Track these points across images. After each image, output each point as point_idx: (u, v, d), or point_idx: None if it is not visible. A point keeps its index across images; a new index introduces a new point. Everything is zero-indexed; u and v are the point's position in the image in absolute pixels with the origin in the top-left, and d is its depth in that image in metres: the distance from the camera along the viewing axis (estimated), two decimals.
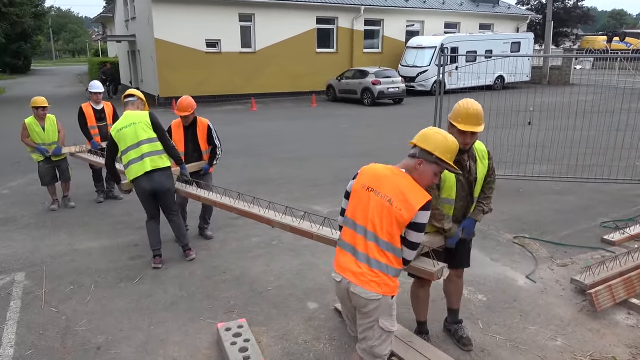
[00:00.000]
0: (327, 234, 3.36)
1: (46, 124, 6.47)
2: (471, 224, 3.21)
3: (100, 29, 44.25)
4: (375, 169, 2.61)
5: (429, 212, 2.48)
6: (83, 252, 5.16)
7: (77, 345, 3.49)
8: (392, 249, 2.47)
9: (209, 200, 4.51)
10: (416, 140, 2.60)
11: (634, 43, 37.07)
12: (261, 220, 3.89)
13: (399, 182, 2.49)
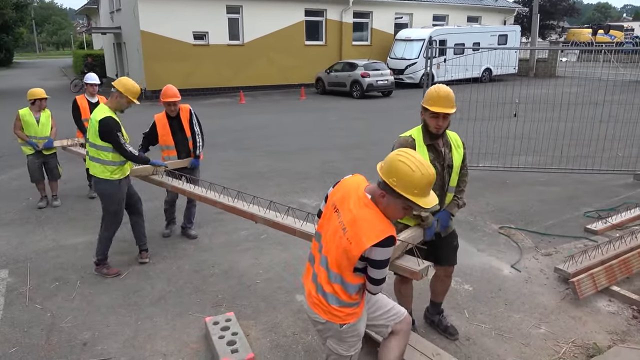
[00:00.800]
0: (310, 230, 3.30)
1: (42, 117, 6.33)
2: (446, 216, 3.12)
3: (85, 20, 43.56)
4: (348, 187, 2.34)
5: (390, 249, 2.17)
6: (68, 248, 5.11)
7: (63, 341, 3.47)
8: (341, 281, 2.27)
9: (193, 195, 4.40)
10: (379, 167, 2.23)
11: (617, 36, 37.48)
12: (244, 215, 3.82)
13: (358, 210, 2.20)
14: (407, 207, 2.19)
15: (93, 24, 34.60)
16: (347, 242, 2.18)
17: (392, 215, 2.22)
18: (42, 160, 6.41)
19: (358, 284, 2.30)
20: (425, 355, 2.98)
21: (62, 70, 37.42)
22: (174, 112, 5.11)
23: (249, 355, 3.09)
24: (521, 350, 3.30)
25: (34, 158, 6.36)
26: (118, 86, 4.17)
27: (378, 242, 2.11)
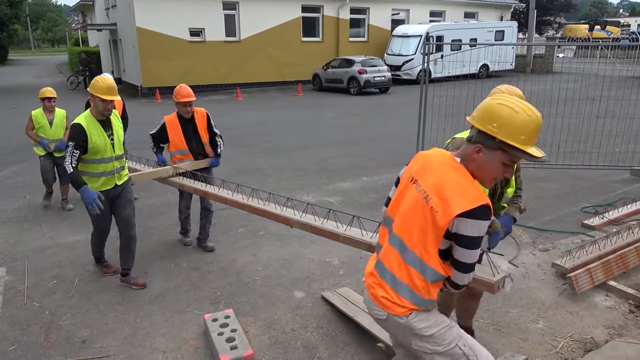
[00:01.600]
0: (356, 235, 2.94)
1: (55, 119, 6.11)
2: (509, 221, 2.71)
3: (80, 17, 43.32)
4: (428, 155, 2.00)
5: (483, 223, 1.79)
6: (66, 246, 5.10)
7: (61, 339, 3.47)
8: (419, 264, 1.90)
9: (219, 198, 4.00)
10: (470, 118, 1.88)
11: (614, 31, 37.54)
12: (277, 219, 3.47)
13: (445, 174, 1.86)
14: (509, 163, 1.82)
15: (88, 21, 34.42)
16: (431, 212, 1.83)
17: (487, 175, 1.86)
18: (54, 162, 6.21)
19: (439, 273, 1.89)
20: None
21: (58, 68, 37.25)
22: (188, 114, 4.65)
23: (248, 352, 3.10)
24: (519, 345, 3.31)
25: (45, 159, 6.18)
26: (89, 88, 3.84)
27: (469, 211, 1.75)
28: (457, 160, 1.91)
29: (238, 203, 3.85)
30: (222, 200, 4.01)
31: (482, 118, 1.82)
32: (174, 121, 4.72)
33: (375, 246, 2.20)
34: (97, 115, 3.83)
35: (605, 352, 3.18)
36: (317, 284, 4.17)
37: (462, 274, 1.90)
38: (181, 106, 4.61)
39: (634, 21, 48.75)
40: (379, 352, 3.17)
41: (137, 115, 14.81)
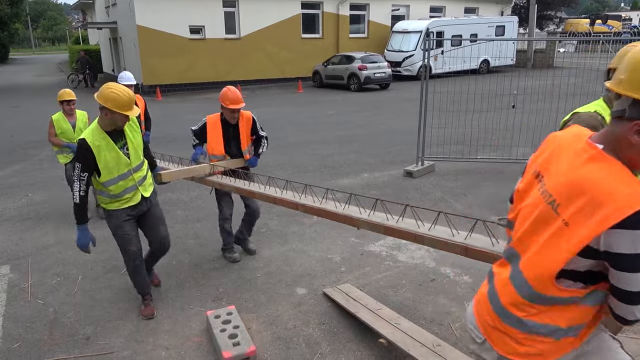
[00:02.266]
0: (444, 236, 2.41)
1: (77, 122, 5.70)
2: None
3: (80, 15, 43.25)
4: (559, 141, 1.49)
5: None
6: (69, 244, 5.11)
7: (65, 336, 3.49)
8: (535, 295, 1.44)
9: (264, 196, 3.57)
10: (616, 82, 1.32)
11: (615, 26, 37.43)
12: (336, 218, 2.98)
13: (578, 169, 1.35)
14: None
15: (88, 19, 34.39)
16: (559, 224, 1.34)
17: None
18: None
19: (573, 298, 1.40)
20: (425, 347, 3.00)
21: (59, 66, 37.27)
22: (234, 120, 4.33)
23: (251, 348, 3.12)
24: None
25: (71, 167, 5.82)
26: (100, 99, 3.23)
27: (624, 220, 1.21)
28: (599, 146, 1.35)
29: (289, 202, 3.38)
30: (271, 200, 3.56)
31: (633, 80, 1.25)
32: (216, 123, 4.36)
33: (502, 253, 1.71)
34: (107, 127, 3.31)
35: None
36: (319, 281, 4.18)
37: (627, 306, 1.34)
38: (228, 112, 4.26)
39: (636, 15, 48.58)
40: (381, 348, 3.19)
41: None
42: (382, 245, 4.90)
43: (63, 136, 5.63)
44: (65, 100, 5.63)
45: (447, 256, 4.61)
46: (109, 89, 3.22)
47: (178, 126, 11.60)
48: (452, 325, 3.51)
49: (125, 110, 3.23)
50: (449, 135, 8.10)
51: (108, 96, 3.20)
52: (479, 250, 2.34)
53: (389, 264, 4.50)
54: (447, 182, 6.97)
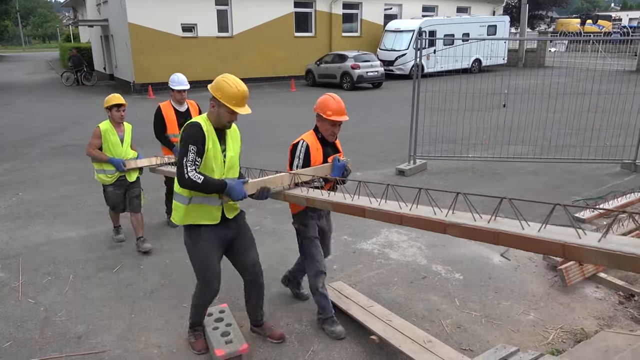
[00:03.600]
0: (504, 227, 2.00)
1: (125, 135, 4.77)
2: None
3: (71, 13, 42.92)
4: None
5: None
6: (60, 243, 5.09)
7: (57, 335, 3.48)
8: None
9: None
10: None
11: (605, 26, 37.75)
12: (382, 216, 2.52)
13: None
14: None
15: (80, 17, 34.10)
16: None
17: None
18: (126, 188, 4.82)
19: None
20: (416, 343, 3.03)
21: (49, 64, 36.92)
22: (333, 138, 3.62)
23: (243, 346, 3.13)
24: (510, 336, 3.36)
25: (115, 189, 4.77)
26: (210, 88, 2.87)
27: None
28: None
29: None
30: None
31: None
32: (315, 143, 3.46)
33: None
34: (216, 123, 2.88)
35: (595, 342, 3.23)
36: None
37: None
38: (328, 124, 3.45)
39: (626, 15, 49.01)
40: (372, 345, 3.22)
41: (131, 112, 14.74)
42: (374, 244, 4.92)
43: (107, 151, 4.63)
44: (115, 105, 4.62)
45: (438, 254, 4.65)
46: (222, 78, 2.87)
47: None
48: (443, 321, 3.54)
49: (234, 105, 2.80)
50: (440, 133, 8.14)
51: (219, 84, 2.84)
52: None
53: (381, 261, 4.53)
54: (439, 181, 7.02)
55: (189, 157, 2.70)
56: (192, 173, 2.68)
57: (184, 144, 2.74)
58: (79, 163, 8.52)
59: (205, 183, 2.70)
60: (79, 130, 11.72)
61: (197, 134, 2.77)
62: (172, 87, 5.17)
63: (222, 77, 2.91)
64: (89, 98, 18.26)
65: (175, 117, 5.15)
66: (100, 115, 15.09)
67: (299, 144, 3.42)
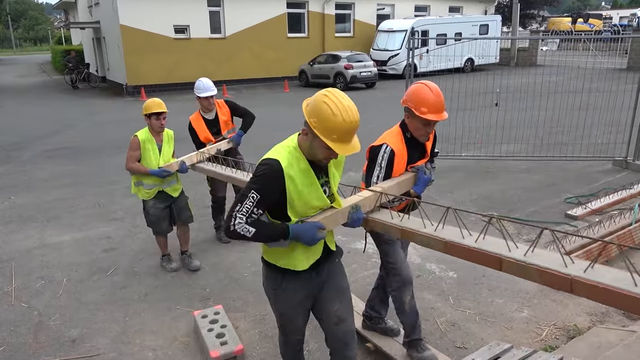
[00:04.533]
0: None
1: (163, 144, 4.21)
2: None
3: (62, 15, 42.67)
4: None
5: None
6: (53, 246, 5.07)
7: (51, 339, 3.46)
8: None
9: None
10: None
11: (596, 24, 38.04)
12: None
13: None
14: None
15: (71, 19, 33.94)
16: None
17: None
18: (171, 202, 4.32)
19: None
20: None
21: (41, 67, 36.68)
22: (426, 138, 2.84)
23: (238, 347, 3.13)
24: (504, 333, 3.39)
25: (157, 204, 4.22)
26: (306, 109, 2.06)
27: None
28: None
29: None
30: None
31: None
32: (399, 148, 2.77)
33: None
34: (309, 156, 2.10)
35: (587, 338, 3.26)
36: None
37: None
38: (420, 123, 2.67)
39: (616, 14, 49.42)
40: (368, 353, 3.21)
41: (124, 114, 14.71)
42: (368, 243, 4.92)
43: (144, 162, 4.12)
44: (155, 113, 4.04)
45: (432, 252, 4.67)
46: (324, 98, 1.98)
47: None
48: (438, 320, 3.56)
49: (334, 141, 1.97)
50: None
51: (317, 107, 1.98)
52: None
53: (375, 261, 4.54)
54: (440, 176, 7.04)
55: (243, 206, 2.04)
56: (240, 225, 2.04)
57: (247, 186, 2.09)
58: (72, 166, 8.48)
59: (258, 235, 2.07)
60: (72, 132, 11.66)
61: (269, 180, 2.04)
62: (199, 94, 4.72)
63: (324, 95, 1.99)
64: (81, 100, 18.17)
65: (206, 127, 4.74)
66: (93, 117, 15.03)
67: (382, 149, 2.71)
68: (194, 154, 4.31)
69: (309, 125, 2.01)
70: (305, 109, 2.06)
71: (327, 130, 1.95)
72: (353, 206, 2.26)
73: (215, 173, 3.87)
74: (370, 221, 2.35)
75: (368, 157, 2.80)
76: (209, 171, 4.01)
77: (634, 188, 5.92)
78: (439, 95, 2.64)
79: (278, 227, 2.11)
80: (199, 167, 4.20)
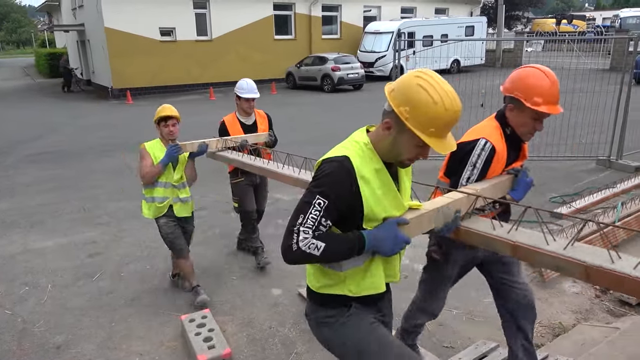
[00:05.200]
0: None
1: (181, 158, 3.77)
2: None
3: (46, 18, 42.18)
4: None
5: None
6: (37, 252, 5.00)
7: (35, 346, 3.41)
8: None
9: None
10: None
11: (580, 25, 38.60)
12: None
13: None
14: None
15: (55, 22, 33.54)
16: None
17: None
18: (182, 223, 3.91)
19: None
20: None
21: (25, 70, 36.19)
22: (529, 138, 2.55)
23: (226, 351, 3.11)
24: (491, 332, 3.41)
25: (169, 220, 3.81)
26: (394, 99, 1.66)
27: None
28: None
29: None
30: None
31: None
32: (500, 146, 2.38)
33: None
34: (384, 151, 1.73)
35: (572, 336, 3.31)
36: (294, 281, 4.19)
37: None
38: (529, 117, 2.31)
39: (599, 15, 50.19)
40: None
41: (109, 117, 14.57)
42: None
43: (162, 174, 3.73)
44: (162, 118, 3.64)
45: (420, 253, 4.68)
46: (418, 81, 1.61)
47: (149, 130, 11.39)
48: None
49: (431, 136, 1.62)
50: None
51: (411, 93, 1.60)
52: None
53: None
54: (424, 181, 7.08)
55: (307, 217, 1.62)
56: (307, 241, 1.61)
57: (309, 190, 1.67)
58: (56, 170, 8.37)
59: (329, 251, 1.62)
60: (56, 136, 11.51)
61: (339, 181, 1.64)
62: (240, 94, 4.40)
63: (418, 78, 1.61)
64: (66, 104, 17.96)
65: (242, 131, 4.26)
66: (78, 121, 14.85)
67: (479, 146, 2.24)
68: (214, 139, 3.81)
69: (396, 116, 1.62)
70: (391, 95, 1.66)
71: (424, 123, 1.58)
72: (445, 208, 1.80)
73: (242, 163, 3.46)
74: (462, 232, 1.83)
75: (451, 157, 2.35)
76: (234, 160, 3.56)
77: (617, 187, 6.01)
78: (555, 82, 2.18)
79: (350, 236, 1.67)
80: (220, 156, 3.72)
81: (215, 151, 3.79)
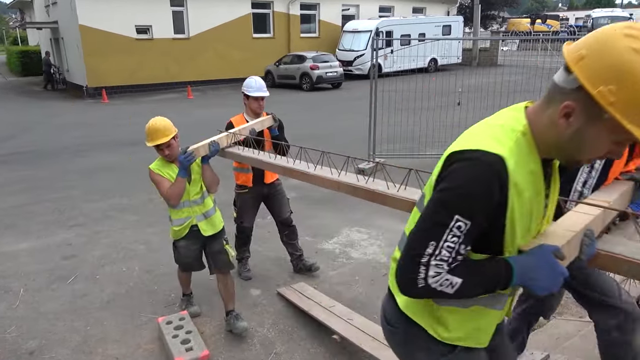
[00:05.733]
0: None
1: (193, 170, 3.33)
2: None
3: (18, 14, 41.05)
4: None
5: None
6: (9, 255, 4.86)
7: (7, 352, 3.32)
8: None
9: None
10: None
11: (554, 25, 39.40)
12: None
13: None
14: None
15: (27, 19, 32.64)
16: None
17: None
18: (203, 242, 3.48)
19: None
20: (377, 340, 3.07)
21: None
22: None
23: (204, 353, 3.08)
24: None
25: (190, 244, 3.44)
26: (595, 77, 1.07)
27: None
28: None
29: None
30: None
31: None
32: None
33: None
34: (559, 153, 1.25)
35: (547, 330, 3.38)
36: (273, 281, 4.18)
37: None
38: None
39: (572, 15, 51.31)
40: (335, 345, 3.23)
41: (84, 116, 14.28)
42: (335, 243, 4.96)
43: None
44: (154, 145, 3.24)
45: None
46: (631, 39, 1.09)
47: (125, 129, 11.23)
48: None
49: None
50: (399, 132, 8.28)
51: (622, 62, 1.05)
52: None
53: (342, 260, 4.57)
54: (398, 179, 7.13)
55: (441, 246, 1.19)
56: (439, 279, 1.21)
57: (439, 206, 1.23)
58: (29, 171, 8.17)
59: (466, 287, 1.22)
60: (29, 136, 11.23)
61: (488, 193, 1.17)
62: (248, 93, 4.19)
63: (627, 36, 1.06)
64: (39, 103, 17.54)
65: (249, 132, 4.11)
66: (51, 120, 14.52)
67: None
68: (223, 135, 3.48)
69: (587, 97, 1.08)
70: (581, 65, 1.09)
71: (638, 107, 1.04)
72: (587, 231, 1.32)
73: (255, 160, 3.10)
74: (603, 257, 1.34)
75: None
76: (246, 158, 3.19)
77: None
78: None
79: (494, 265, 1.23)
80: (230, 153, 3.38)
81: (225, 147, 3.43)
